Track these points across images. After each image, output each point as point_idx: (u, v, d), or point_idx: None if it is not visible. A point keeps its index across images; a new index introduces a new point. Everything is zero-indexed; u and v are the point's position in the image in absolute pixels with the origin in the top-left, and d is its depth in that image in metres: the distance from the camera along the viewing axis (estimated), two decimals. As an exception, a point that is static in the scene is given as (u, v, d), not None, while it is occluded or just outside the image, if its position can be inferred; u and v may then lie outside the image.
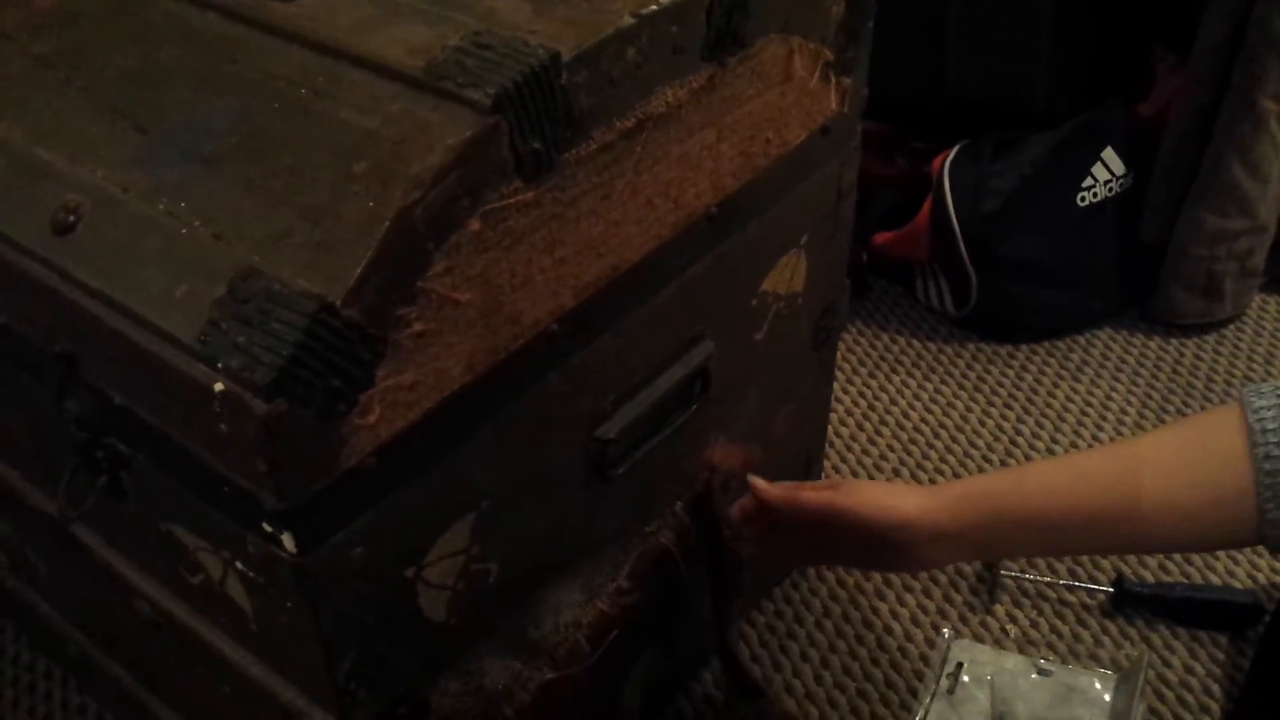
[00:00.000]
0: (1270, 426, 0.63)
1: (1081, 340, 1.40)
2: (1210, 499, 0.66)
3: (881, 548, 0.77)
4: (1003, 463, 1.24)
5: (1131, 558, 1.12)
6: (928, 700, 0.97)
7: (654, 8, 0.63)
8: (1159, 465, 0.68)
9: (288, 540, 0.55)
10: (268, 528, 0.56)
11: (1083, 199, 1.33)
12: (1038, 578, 1.09)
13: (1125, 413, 1.29)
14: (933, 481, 1.21)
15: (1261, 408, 0.64)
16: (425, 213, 0.54)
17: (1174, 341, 1.39)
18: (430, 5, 0.64)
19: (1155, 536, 0.69)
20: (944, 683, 0.98)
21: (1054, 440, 1.25)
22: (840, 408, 1.30)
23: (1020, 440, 1.26)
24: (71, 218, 0.59)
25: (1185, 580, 1.10)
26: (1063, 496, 0.72)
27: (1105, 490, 0.70)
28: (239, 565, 0.61)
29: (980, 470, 1.23)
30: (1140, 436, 0.74)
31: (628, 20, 0.61)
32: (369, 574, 0.60)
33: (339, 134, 0.58)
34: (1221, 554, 1.12)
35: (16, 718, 1.03)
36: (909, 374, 1.36)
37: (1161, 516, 0.68)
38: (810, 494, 0.80)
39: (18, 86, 0.68)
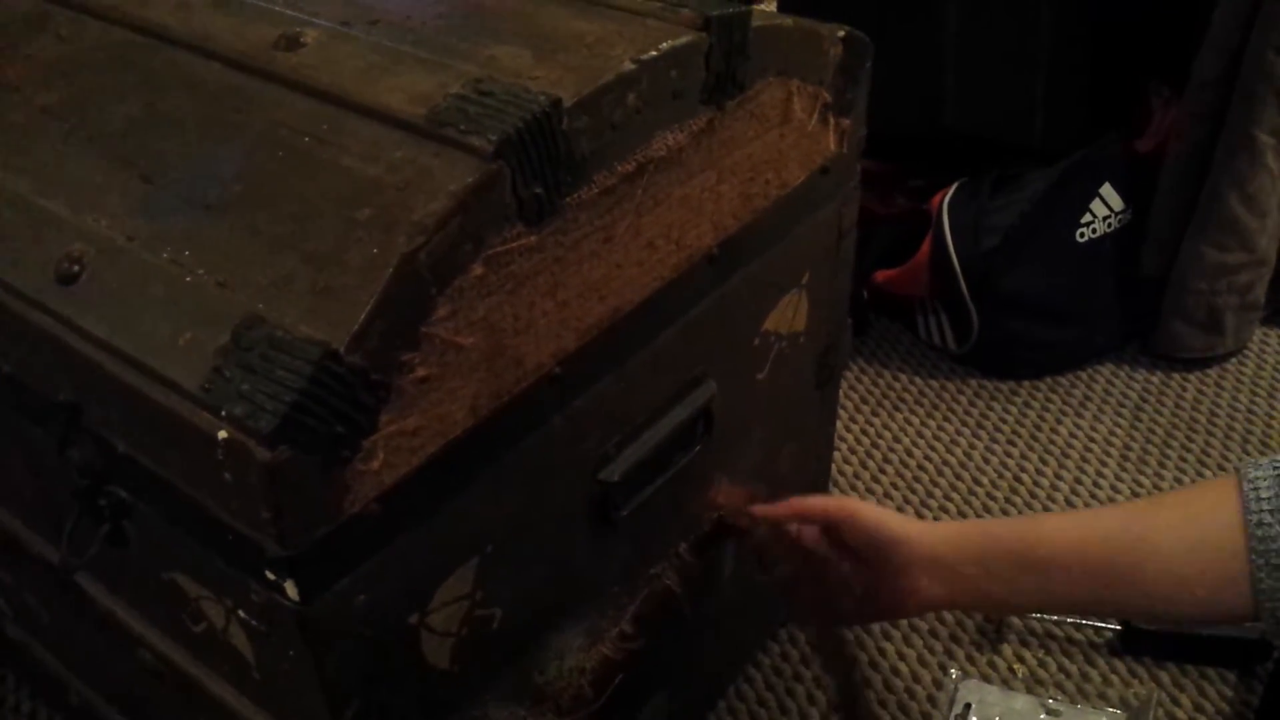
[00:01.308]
0: (1265, 495, 0.64)
1: (1083, 376, 1.40)
2: (1207, 567, 0.66)
3: (879, 571, 0.76)
4: (1007, 500, 1.23)
5: (1138, 594, 1.11)
6: (936, 741, 0.96)
7: (654, 53, 0.63)
8: (1162, 529, 0.68)
9: (290, 588, 0.55)
10: (270, 575, 0.55)
11: (1082, 235, 1.33)
12: (1044, 616, 1.08)
13: (1129, 448, 1.29)
14: (936, 519, 1.21)
15: (1257, 478, 0.65)
16: (428, 258, 0.54)
17: (1176, 376, 1.39)
18: (432, 53, 0.65)
19: (1156, 599, 0.68)
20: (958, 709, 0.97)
21: (1058, 477, 1.25)
22: (843, 446, 1.30)
23: (1024, 477, 1.25)
24: (76, 267, 0.59)
25: (1193, 617, 1.09)
26: (1066, 544, 0.71)
27: (1110, 545, 0.70)
28: (241, 613, 0.61)
29: (984, 507, 1.22)
30: (1145, 500, 0.73)
31: (628, 66, 0.62)
32: (372, 621, 0.60)
33: (342, 181, 0.59)
34: (1229, 590, 1.11)
35: (17, 768, 1.02)
36: (911, 411, 1.35)
37: (1162, 581, 0.67)
38: (816, 499, 0.82)
39: (23, 136, 0.69)
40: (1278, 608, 0.63)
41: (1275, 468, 0.65)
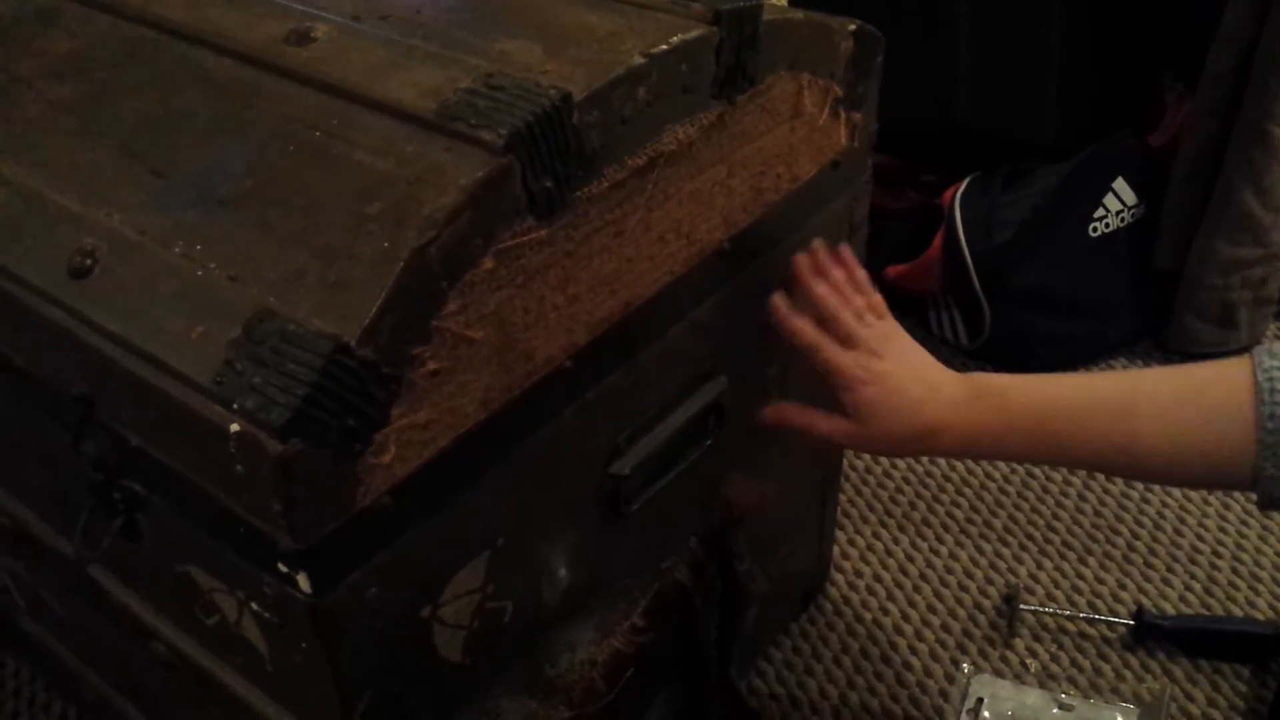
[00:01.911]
0: (1279, 387, 0.65)
1: (1096, 370, 1.39)
2: (1209, 446, 0.68)
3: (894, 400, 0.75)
4: (1019, 494, 1.23)
5: (1152, 588, 1.11)
6: (948, 736, 0.96)
7: (664, 47, 0.63)
8: (1166, 392, 0.70)
9: (303, 581, 0.55)
10: (283, 568, 0.56)
11: (1094, 229, 1.33)
12: (1058, 611, 1.08)
13: (1142, 443, 1.28)
14: (949, 516, 1.21)
15: (1272, 367, 0.65)
16: (439, 252, 0.54)
17: (1189, 371, 1.38)
18: (442, 48, 0.65)
19: (1155, 460, 0.70)
20: (965, 718, 0.97)
21: (1071, 472, 1.25)
22: (855, 441, 1.30)
23: (1036, 472, 1.25)
24: (88, 261, 0.60)
25: (1206, 612, 1.09)
26: (1067, 394, 0.74)
27: (1107, 402, 0.72)
28: (254, 606, 0.61)
29: (996, 503, 1.22)
30: (1145, 371, 0.76)
31: (638, 60, 0.62)
32: (384, 614, 0.60)
33: (353, 176, 0.59)
34: (1243, 585, 1.11)
35: (32, 760, 1.03)
36: (923, 406, 1.35)
37: (1161, 444, 0.69)
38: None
39: (35, 131, 0.69)
40: (1274, 490, 0.66)
41: None
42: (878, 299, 0.81)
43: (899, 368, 0.76)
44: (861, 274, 0.81)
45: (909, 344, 0.78)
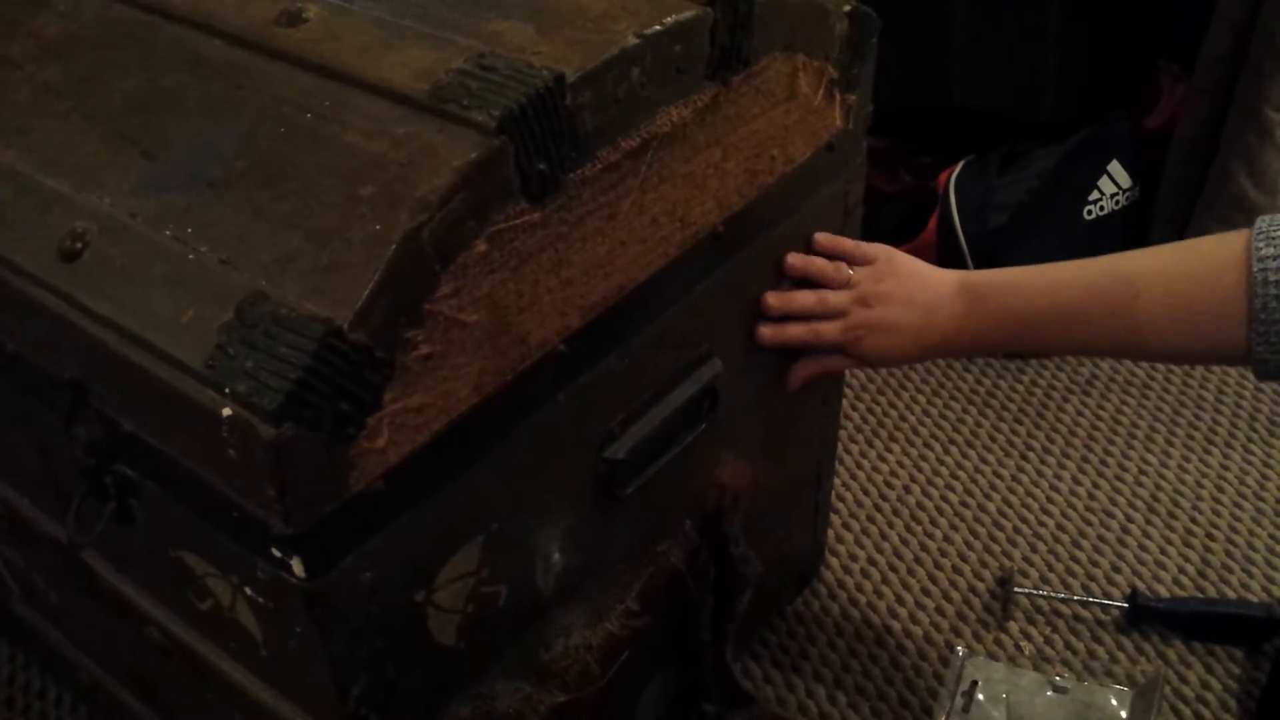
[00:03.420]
0: (1273, 279, 0.66)
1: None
2: (1207, 329, 0.69)
3: (870, 279, 0.81)
4: (1014, 478, 1.23)
5: (1146, 571, 1.11)
6: (943, 719, 0.96)
7: (657, 28, 0.63)
8: (1154, 289, 0.72)
9: (297, 565, 0.55)
10: (276, 553, 0.55)
11: (1089, 212, 1.33)
12: (1051, 594, 1.08)
13: (1136, 426, 1.28)
14: (944, 500, 1.21)
15: (1268, 257, 0.66)
16: (432, 235, 0.54)
17: (1184, 354, 1.38)
18: (435, 29, 0.64)
19: (1151, 344, 0.73)
20: (959, 701, 0.97)
21: (1065, 454, 1.25)
22: (849, 424, 1.30)
23: (1030, 455, 1.25)
24: (79, 245, 0.59)
25: (1200, 594, 1.09)
26: (1063, 292, 0.76)
27: (1104, 293, 0.74)
28: (248, 590, 0.61)
29: (990, 486, 1.22)
30: (1140, 257, 0.76)
31: (632, 40, 0.62)
32: (378, 598, 0.60)
33: (345, 158, 0.58)
34: (1236, 568, 1.11)
35: (27, 746, 1.02)
36: (918, 389, 1.35)
37: (1160, 316, 0.71)
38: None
39: (24, 114, 0.69)
40: (1266, 369, 0.68)
41: None
42: (849, 244, 0.84)
43: (889, 308, 0.81)
44: (830, 239, 0.84)
45: (897, 269, 0.82)
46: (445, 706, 0.69)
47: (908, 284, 0.81)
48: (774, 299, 0.82)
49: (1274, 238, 0.67)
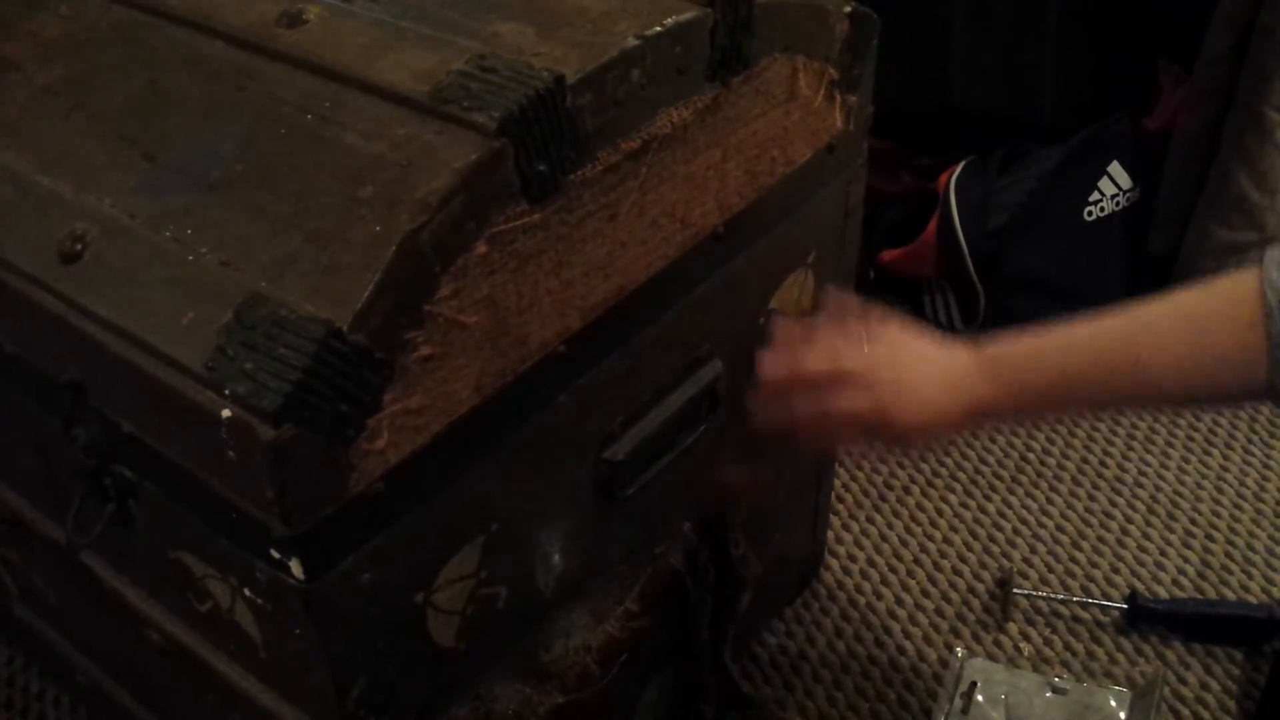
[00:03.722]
0: None
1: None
2: (1223, 375, 0.67)
3: (884, 365, 0.73)
4: (1014, 479, 1.23)
5: (1145, 572, 1.11)
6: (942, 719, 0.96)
7: (658, 29, 0.63)
8: (1165, 343, 0.70)
9: (296, 567, 0.55)
10: (276, 554, 0.55)
11: (1090, 213, 1.32)
12: (1051, 595, 1.08)
13: (1136, 427, 1.28)
14: (943, 502, 1.21)
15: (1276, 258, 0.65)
16: (431, 236, 0.54)
17: (1184, 355, 1.38)
18: (435, 30, 0.64)
19: (1166, 396, 0.73)
20: (958, 702, 0.97)
21: (1064, 456, 1.25)
22: (849, 425, 1.30)
23: (1031, 456, 1.25)
24: (78, 246, 0.59)
25: (1199, 595, 1.09)
26: (1074, 359, 0.74)
27: (1116, 355, 0.73)
28: (247, 592, 0.61)
29: (990, 486, 1.22)
30: (1150, 310, 0.73)
31: (632, 42, 0.62)
32: (378, 600, 0.60)
33: (345, 159, 0.58)
34: (1236, 569, 1.11)
35: (26, 747, 1.02)
36: (918, 391, 1.35)
37: (1171, 386, 0.70)
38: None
39: (25, 116, 0.68)
40: None
41: None
42: (859, 314, 0.76)
43: (900, 395, 0.73)
44: (836, 303, 0.78)
45: (908, 349, 0.75)
46: (444, 708, 0.69)
47: (919, 363, 0.75)
48: (771, 365, 0.75)
49: None
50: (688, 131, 0.68)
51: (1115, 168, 1.32)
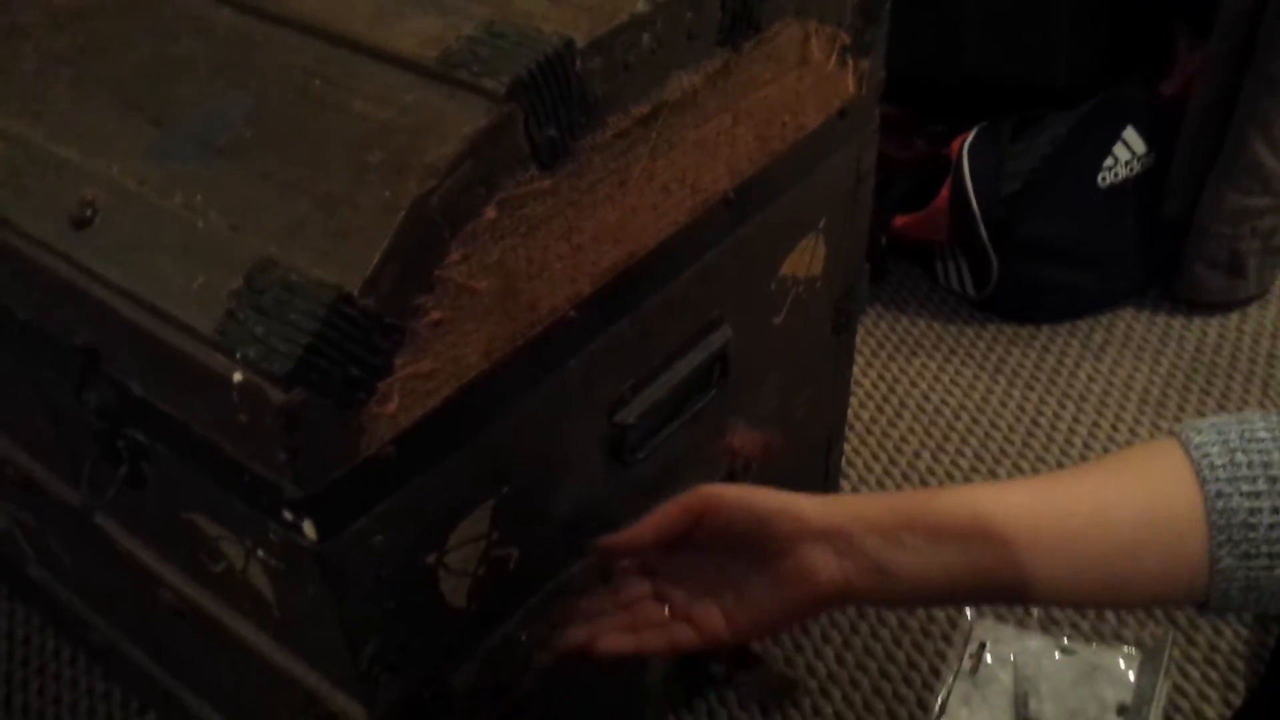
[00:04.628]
0: (1218, 463, 0.55)
1: (1103, 320, 1.39)
2: (1163, 543, 0.56)
3: (758, 562, 0.64)
4: (1024, 444, 1.23)
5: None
6: (950, 680, 0.97)
7: (668, -8, 0.62)
8: (1115, 504, 0.58)
9: (308, 528, 0.56)
10: (288, 516, 0.56)
11: (1104, 179, 1.32)
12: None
13: (1148, 393, 1.28)
14: (954, 465, 1.21)
15: (1203, 443, 0.56)
16: (441, 201, 0.54)
17: (1197, 320, 1.38)
18: (444, -6, 0.64)
19: (1109, 577, 0.58)
20: (966, 663, 0.98)
21: (1075, 421, 1.25)
22: (860, 391, 1.30)
23: (1042, 421, 1.25)
24: (88, 212, 0.60)
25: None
26: (979, 505, 0.60)
27: (1056, 513, 0.59)
28: (260, 553, 0.62)
29: (1001, 451, 1.22)
30: (1080, 470, 0.63)
31: (642, 6, 0.61)
32: (390, 561, 0.60)
33: (354, 125, 0.58)
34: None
35: (43, 705, 1.04)
36: (929, 357, 1.35)
37: (1116, 558, 0.58)
38: (665, 507, 0.67)
39: (34, 82, 0.69)
40: (1230, 587, 0.55)
41: (1218, 432, 0.56)
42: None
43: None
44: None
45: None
46: (457, 666, 0.69)
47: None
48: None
49: (1199, 426, 0.57)
50: (698, 96, 0.67)
51: (1130, 133, 1.31)
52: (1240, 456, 0.55)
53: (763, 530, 0.63)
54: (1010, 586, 0.59)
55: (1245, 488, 0.55)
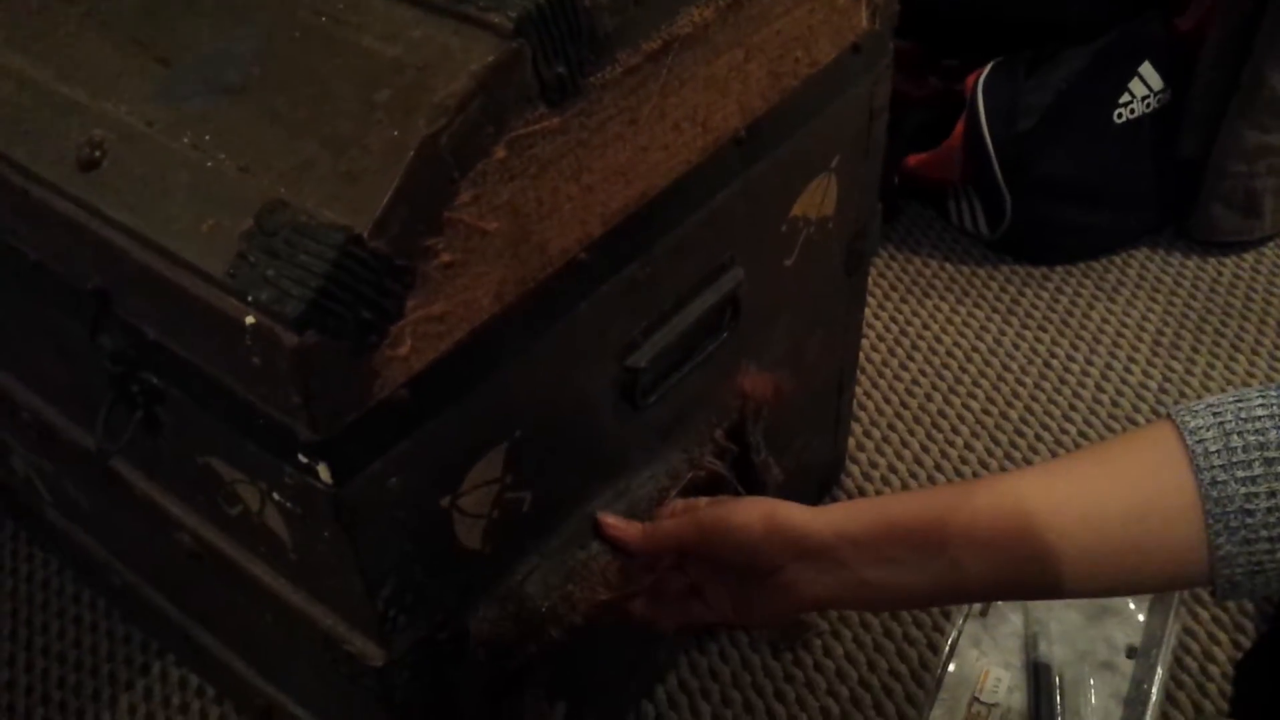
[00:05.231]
0: (1213, 449, 0.55)
1: (1118, 260, 1.38)
2: (1159, 536, 0.56)
3: (751, 565, 0.68)
4: (1036, 386, 1.23)
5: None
6: (960, 622, 0.98)
7: (679, -75, 0.61)
8: (1104, 498, 0.58)
9: (323, 471, 0.56)
10: (303, 459, 0.56)
11: (1119, 115, 1.30)
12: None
13: (1161, 333, 1.27)
14: (965, 408, 1.21)
15: (1198, 428, 0.56)
16: (450, 141, 0.54)
17: (1212, 260, 1.37)
18: (451, -72, 0.63)
19: (1100, 575, 0.59)
20: (976, 605, 0.99)
21: (1089, 363, 1.24)
22: (872, 333, 1.30)
23: (1054, 363, 1.25)
24: (97, 153, 0.59)
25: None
26: (962, 508, 0.60)
27: (1040, 514, 0.59)
28: (276, 496, 0.62)
29: (1013, 393, 1.22)
30: (1067, 460, 0.63)
31: (652, -62, 0.60)
32: (405, 503, 0.61)
33: (361, 62, 0.58)
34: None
35: (63, 648, 1.05)
36: (942, 298, 1.34)
37: (1107, 555, 0.58)
38: (669, 522, 0.74)
39: (39, 22, 0.68)
40: (1234, 573, 0.55)
41: (1214, 414, 0.56)
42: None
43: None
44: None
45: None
46: (473, 607, 0.70)
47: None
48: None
49: (1194, 409, 0.56)
50: (709, 31, 0.66)
51: (1146, 68, 1.29)
52: (1236, 440, 0.55)
53: (753, 561, 0.68)
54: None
55: (1241, 473, 0.54)
